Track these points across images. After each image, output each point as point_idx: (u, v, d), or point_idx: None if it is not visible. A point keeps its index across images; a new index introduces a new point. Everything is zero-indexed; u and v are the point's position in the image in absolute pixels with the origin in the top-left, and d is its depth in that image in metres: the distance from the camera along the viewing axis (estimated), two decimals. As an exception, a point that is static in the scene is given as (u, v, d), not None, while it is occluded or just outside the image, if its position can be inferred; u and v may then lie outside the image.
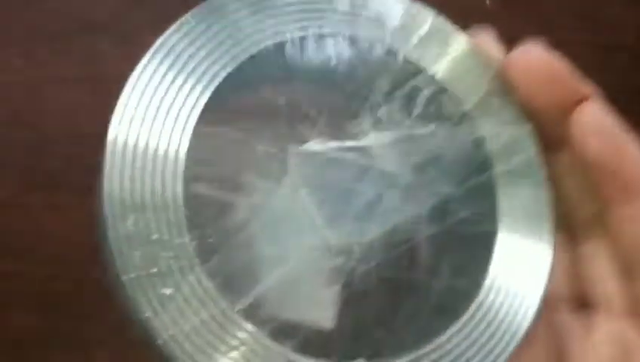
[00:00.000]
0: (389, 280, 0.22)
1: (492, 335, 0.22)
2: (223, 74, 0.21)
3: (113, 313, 0.18)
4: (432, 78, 0.24)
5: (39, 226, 0.33)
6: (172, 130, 0.20)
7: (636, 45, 0.40)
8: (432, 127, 0.23)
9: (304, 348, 0.20)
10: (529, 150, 0.24)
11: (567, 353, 0.24)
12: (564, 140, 0.24)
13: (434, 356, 0.21)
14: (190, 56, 0.21)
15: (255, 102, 0.22)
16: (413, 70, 0.24)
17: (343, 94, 0.23)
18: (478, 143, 0.24)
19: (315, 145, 0.22)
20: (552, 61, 0.23)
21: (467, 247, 0.23)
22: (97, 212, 0.19)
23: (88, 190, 0.19)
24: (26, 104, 0.33)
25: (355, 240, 0.21)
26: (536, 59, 0.23)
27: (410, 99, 0.23)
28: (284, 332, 0.20)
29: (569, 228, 0.25)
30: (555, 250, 0.23)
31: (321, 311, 0.23)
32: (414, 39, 0.24)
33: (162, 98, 0.21)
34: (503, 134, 0.24)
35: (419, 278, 0.22)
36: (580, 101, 0.23)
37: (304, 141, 0.22)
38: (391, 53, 0.23)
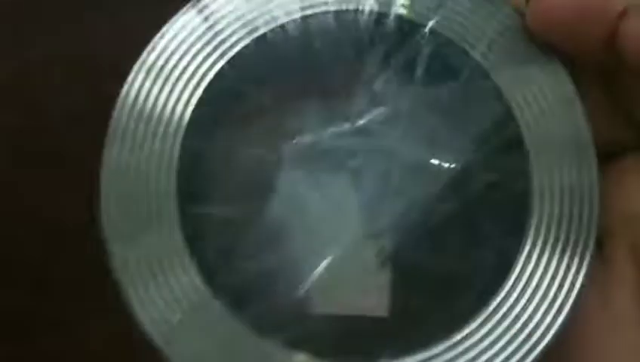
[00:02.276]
0: (409, 267, 0.20)
1: (534, 312, 0.20)
2: (204, 83, 0.21)
3: (107, 294, 0.18)
4: (432, 31, 0.21)
5: (31, 206, 0.33)
6: (161, 152, 0.20)
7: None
8: (437, 87, 0.21)
9: (320, 352, 0.19)
10: (558, 89, 0.21)
11: None
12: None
13: (467, 343, 0.19)
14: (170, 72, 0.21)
15: (239, 105, 0.21)
16: (408, 28, 0.21)
17: (333, 76, 0.21)
18: (496, 94, 0.21)
19: (306, 137, 0.20)
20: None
21: (498, 216, 0.21)
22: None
23: (79, 169, 0.19)
24: (16, 82, 0.33)
25: (366, 229, 0.20)
26: (557, 6, 0.20)
27: (409, 61, 0.21)
28: (298, 341, 0.19)
29: None
30: (601, 198, 0.20)
31: (373, 298, 0.22)
32: None
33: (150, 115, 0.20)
34: (523, 78, 0.21)
35: (444, 261, 0.20)
36: (618, 19, 0.20)
37: (295, 135, 0.21)
38: (379, 16, 0.21)
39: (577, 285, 0.20)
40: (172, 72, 0.21)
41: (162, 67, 0.21)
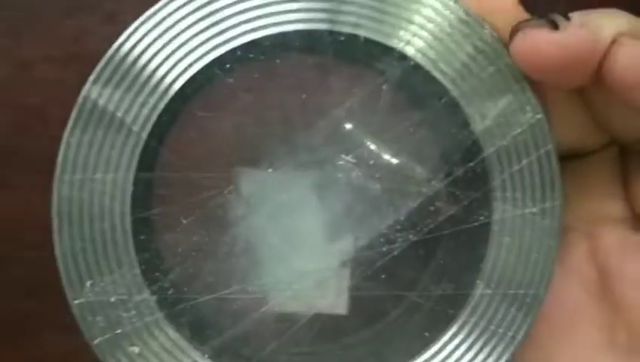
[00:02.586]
0: (371, 299, 0.21)
1: (489, 339, 0.20)
2: (160, 107, 0.20)
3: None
4: (400, 55, 0.20)
5: (25, 208, 0.34)
6: (114, 181, 0.19)
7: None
8: (404, 116, 0.20)
9: None
10: (529, 120, 0.20)
11: (614, 271, 0.22)
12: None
13: None
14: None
15: (196, 131, 0.20)
16: (377, 52, 0.20)
17: (296, 101, 0.20)
18: (463, 124, 0.20)
19: (265, 169, 0.20)
20: (564, 44, 0.18)
21: (458, 248, 0.21)
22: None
23: None
24: (12, 84, 0.34)
25: (327, 265, 0.20)
26: (544, 48, 0.19)
27: (376, 87, 0.20)
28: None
29: (621, 149, 0.23)
30: (560, 231, 0.20)
31: (333, 297, 0.23)
32: (373, 12, 0.20)
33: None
34: (492, 108, 0.20)
35: (404, 293, 0.21)
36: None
37: (255, 165, 0.20)
38: (348, 38, 0.20)
39: (532, 314, 0.21)
40: (125, 95, 0.19)
41: (115, 89, 0.19)
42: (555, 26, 0.19)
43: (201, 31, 0.19)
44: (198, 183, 0.20)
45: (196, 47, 0.19)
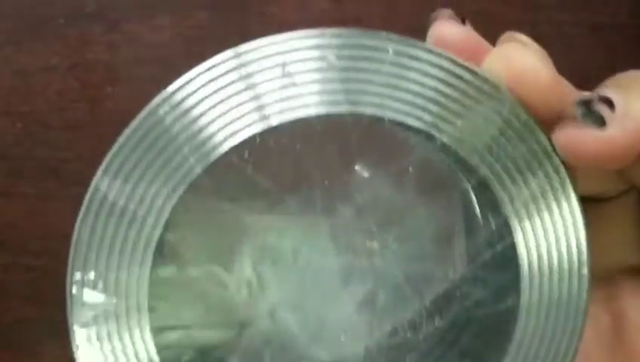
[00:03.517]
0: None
1: None
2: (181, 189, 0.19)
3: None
4: (427, 135, 0.19)
5: (30, 217, 0.34)
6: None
7: (629, 24, 0.31)
8: (430, 198, 0.19)
9: None
10: (560, 201, 0.19)
11: (629, 320, 0.22)
12: None
13: None
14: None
15: (213, 224, 0.19)
16: (402, 133, 0.19)
17: (318, 186, 0.19)
18: (493, 206, 0.19)
19: (287, 260, 0.19)
20: (612, 141, 0.18)
21: (484, 333, 0.20)
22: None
23: (78, 179, 0.19)
24: (14, 92, 0.34)
25: (346, 354, 0.19)
26: (592, 146, 0.18)
27: (401, 170, 0.19)
28: None
29: None
30: (587, 311, 0.20)
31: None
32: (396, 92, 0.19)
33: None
34: (522, 190, 0.19)
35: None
36: None
37: (273, 253, 0.19)
38: (373, 120, 0.19)
39: None
40: (137, 186, 0.18)
41: (125, 181, 0.18)
42: (601, 122, 0.18)
43: (218, 117, 0.18)
44: (219, 279, 0.19)
45: (213, 135, 0.18)
